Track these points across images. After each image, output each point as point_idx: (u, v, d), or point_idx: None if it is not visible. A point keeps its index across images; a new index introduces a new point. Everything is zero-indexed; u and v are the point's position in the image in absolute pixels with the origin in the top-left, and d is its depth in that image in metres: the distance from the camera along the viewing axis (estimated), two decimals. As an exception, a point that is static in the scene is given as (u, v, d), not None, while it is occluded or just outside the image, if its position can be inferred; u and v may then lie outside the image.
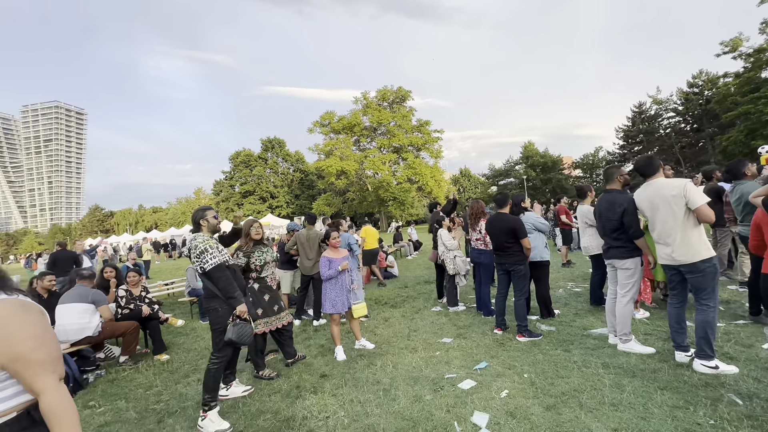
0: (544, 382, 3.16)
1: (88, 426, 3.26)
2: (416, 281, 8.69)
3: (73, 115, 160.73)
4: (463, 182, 66.33)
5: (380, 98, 43.61)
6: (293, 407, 3.18)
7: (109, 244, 31.65)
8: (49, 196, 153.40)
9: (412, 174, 42.06)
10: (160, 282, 9.44)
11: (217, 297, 3.15)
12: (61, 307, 4.44)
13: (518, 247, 4.26)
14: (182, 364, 4.57)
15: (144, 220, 73.90)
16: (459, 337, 4.51)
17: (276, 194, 54.44)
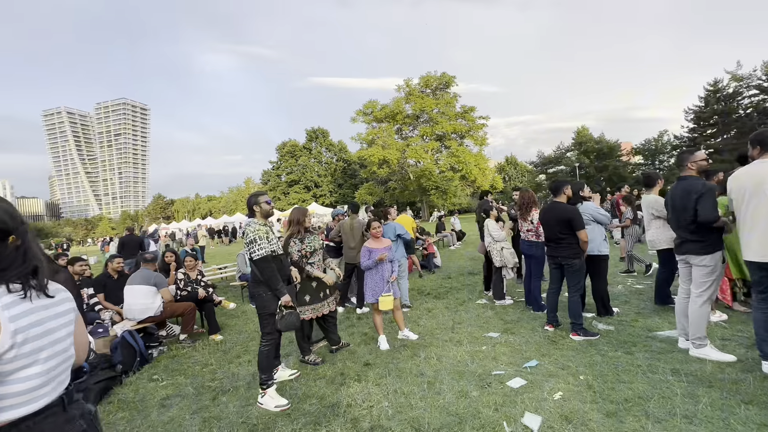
0: (603, 386, 2.92)
1: (153, 397, 3.53)
2: (459, 272, 8.49)
3: (138, 110, 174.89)
4: (509, 170, 63.81)
5: (423, 85, 42.74)
6: (338, 394, 3.22)
7: (167, 230, 34.27)
8: (119, 186, 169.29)
9: (455, 162, 41.07)
10: (214, 266, 10.04)
11: (263, 283, 3.25)
12: (129, 288, 4.83)
13: (573, 240, 3.96)
14: (234, 345, 4.81)
15: (200, 208, 79.15)
16: (506, 332, 4.33)
17: (320, 183, 55.76)
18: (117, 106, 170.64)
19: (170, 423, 3.02)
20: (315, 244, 3.99)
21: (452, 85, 42.87)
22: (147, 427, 3.00)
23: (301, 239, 3.91)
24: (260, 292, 3.28)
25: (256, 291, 3.31)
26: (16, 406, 1.04)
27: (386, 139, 41.78)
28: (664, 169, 45.37)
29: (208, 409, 3.18)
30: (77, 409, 1.20)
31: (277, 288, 3.21)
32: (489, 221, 5.73)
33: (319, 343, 4.37)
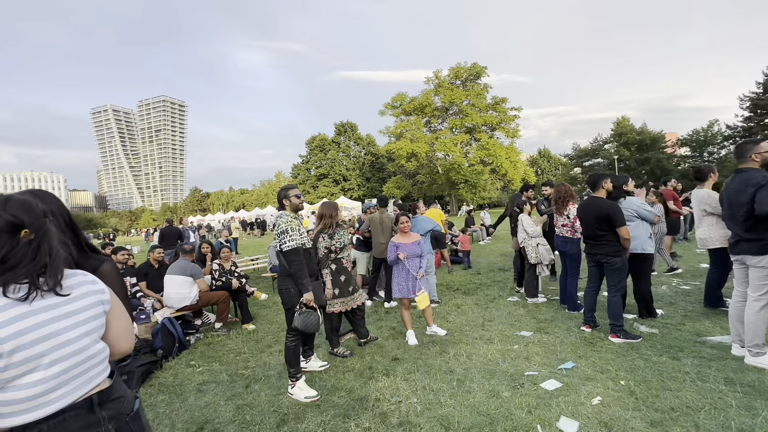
0: (646, 392, 2.75)
1: (190, 382, 3.69)
2: (489, 268, 8.30)
3: (176, 107, 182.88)
4: (542, 164, 61.66)
5: (453, 76, 41.89)
6: (366, 387, 3.23)
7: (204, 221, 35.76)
8: (159, 179, 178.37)
9: (485, 155, 40.11)
10: (246, 257, 10.36)
11: (290, 276, 3.25)
12: (168, 277, 5.06)
13: (613, 237, 3.73)
14: (266, 335, 4.94)
15: (234, 201, 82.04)
16: (540, 332, 4.17)
17: (348, 177, 56.24)
18: (157, 104, 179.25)
19: (206, 408, 3.13)
20: (344, 239, 3.99)
21: (483, 75, 41.76)
22: (185, 410, 3.13)
23: (330, 235, 3.92)
24: (287, 286, 3.27)
25: (283, 285, 3.30)
26: (20, 413, 1.01)
27: (414, 132, 41.39)
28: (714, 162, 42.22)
29: (241, 396, 3.28)
30: (111, 410, 1.15)
31: (303, 282, 3.17)
32: (523, 216, 5.53)
33: (347, 335, 4.40)
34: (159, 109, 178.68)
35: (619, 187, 4.12)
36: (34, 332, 1.03)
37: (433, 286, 5.74)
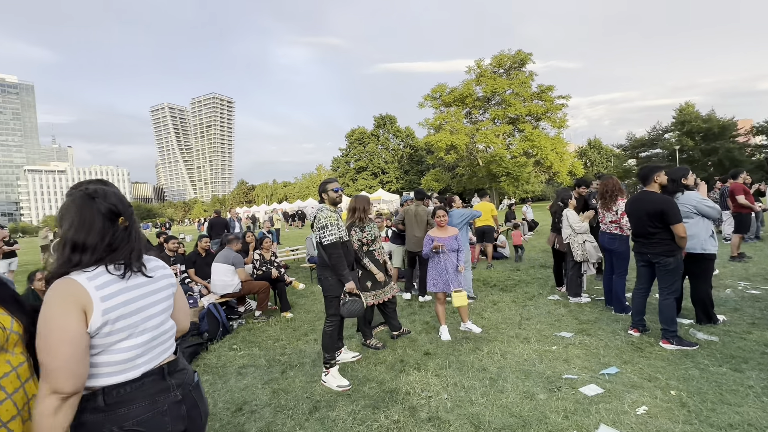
0: (700, 405, 2.52)
1: (232, 365, 3.91)
2: (530, 264, 7.98)
3: (225, 104, 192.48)
4: (592, 155, 58.01)
5: (495, 65, 40.27)
6: (397, 380, 3.24)
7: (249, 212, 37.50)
8: (210, 172, 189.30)
9: (529, 147, 38.37)
10: (287, 248, 10.74)
11: (329, 267, 3.35)
12: (214, 265, 5.37)
13: (666, 235, 3.42)
14: (303, 323, 5.11)
15: (277, 193, 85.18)
16: (581, 333, 3.96)
17: (387, 170, 56.33)
18: (208, 101, 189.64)
19: (245, 390, 3.31)
20: (375, 231, 4.01)
21: (528, 62, 39.78)
22: (226, 391, 3.32)
23: (361, 228, 3.95)
24: (326, 275, 3.39)
25: (323, 274, 3.43)
26: (115, 373, 1.16)
27: (454, 123, 40.45)
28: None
29: (278, 381, 3.42)
30: (177, 379, 1.29)
31: (343, 274, 3.29)
32: (568, 211, 5.24)
33: (379, 327, 4.43)
34: (209, 105, 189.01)
35: (676, 181, 3.76)
36: (131, 305, 1.20)
37: (468, 281, 5.62)
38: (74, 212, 1.17)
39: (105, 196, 1.21)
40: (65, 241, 1.16)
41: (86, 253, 1.15)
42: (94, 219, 1.17)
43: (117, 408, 1.14)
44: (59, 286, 1.11)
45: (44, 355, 1.06)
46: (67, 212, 1.18)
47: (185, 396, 1.29)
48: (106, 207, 1.20)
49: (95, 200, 1.20)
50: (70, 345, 1.06)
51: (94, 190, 1.21)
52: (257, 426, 2.73)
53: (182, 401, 1.27)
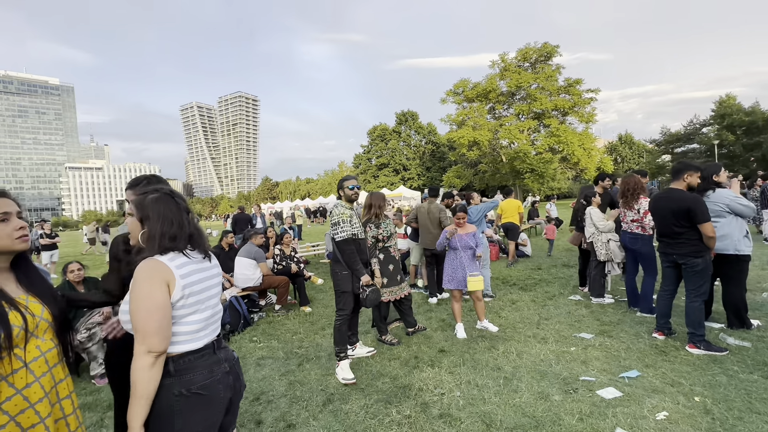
0: (726, 413, 2.41)
1: (251, 356, 4.04)
2: (552, 264, 7.80)
3: (250, 102, 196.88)
4: (623, 151, 55.68)
5: (521, 59, 39.28)
6: (410, 376, 3.26)
7: (272, 209, 38.31)
8: (235, 169, 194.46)
9: (555, 142, 37.27)
10: (308, 244, 10.93)
11: (340, 262, 3.42)
12: (237, 259, 5.55)
13: (694, 234, 3.26)
14: (320, 318, 5.20)
15: (300, 189, 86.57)
16: (602, 335, 3.85)
17: (408, 166, 56.14)
18: (234, 99, 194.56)
19: (263, 380, 3.41)
20: (390, 228, 4.04)
21: (555, 55, 38.58)
22: (245, 380, 3.43)
23: (377, 224, 3.99)
24: (336, 270, 3.47)
25: (334, 269, 3.52)
26: (184, 342, 1.34)
27: (477, 119, 39.79)
28: None
29: (294, 373, 3.51)
30: (223, 354, 1.47)
31: (356, 269, 3.36)
32: (592, 209, 5.09)
33: (395, 323, 4.46)
34: (235, 104, 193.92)
35: (708, 178, 3.57)
36: (200, 284, 1.39)
37: (487, 279, 5.56)
38: (162, 208, 1.39)
39: (180, 195, 1.47)
40: (160, 233, 1.36)
41: (175, 241, 1.37)
42: (179, 214, 1.41)
43: (184, 374, 1.32)
44: (147, 265, 1.31)
45: (139, 321, 1.25)
46: (153, 208, 1.39)
47: (231, 369, 1.47)
48: (184, 205, 1.45)
49: (175, 198, 1.44)
50: (160, 311, 1.27)
51: (171, 191, 1.46)
52: (273, 415, 2.82)
53: (229, 372, 1.45)
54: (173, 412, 1.29)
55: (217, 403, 1.39)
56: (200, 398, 1.33)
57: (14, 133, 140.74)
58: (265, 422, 2.74)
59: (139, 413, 1.22)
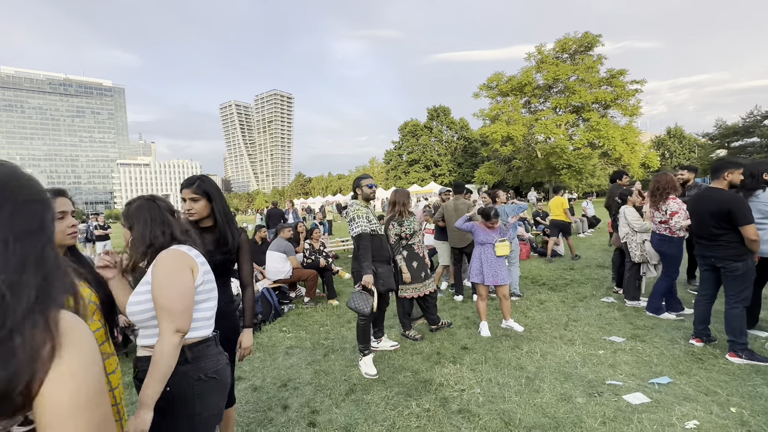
0: (765, 426, 2.28)
1: (281, 345, 4.24)
2: (586, 264, 7.52)
3: (285, 100, 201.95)
4: (671, 145, 52.11)
5: (559, 50, 37.59)
6: (431, 371, 3.31)
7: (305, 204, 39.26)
8: (270, 165, 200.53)
9: (594, 137, 35.46)
10: (337, 239, 11.18)
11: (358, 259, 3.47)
12: (268, 253, 5.80)
13: (734, 237, 3.06)
14: (347, 311, 5.34)
15: (332, 185, 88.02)
16: (634, 339, 3.71)
17: (439, 162, 55.56)
18: (270, 97, 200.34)
19: (291, 368, 3.59)
20: (414, 225, 4.07)
21: (596, 45, 36.63)
22: (274, 368, 3.63)
23: (400, 222, 4.03)
24: (357, 268, 3.51)
25: (354, 266, 3.56)
26: (199, 329, 1.46)
27: (511, 113, 38.62)
28: None
29: (320, 363, 3.66)
30: (220, 347, 1.58)
31: (363, 265, 3.35)
32: (626, 208, 4.88)
33: (419, 320, 4.51)
34: (271, 102, 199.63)
35: (756, 176, 3.33)
36: (209, 274, 1.52)
37: (515, 278, 5.47)
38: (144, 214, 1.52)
39: (162, 199, 1.60)
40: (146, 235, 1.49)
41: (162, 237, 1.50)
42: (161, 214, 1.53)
43: (199, 361, 1.44)
44: (172, 254, 1.43)
45: (169, 303, 1.35)
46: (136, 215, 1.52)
47: (227, 361, 1.59)
48: (165, 206, 1.57)
49: (156, 202, 1.56)
50: (189, 293, 1.40)
51: (152, 196, 1.59)
52: (299, 401, 2.97)
53: (227, 364, 1.57)
54: (194, 396, 1.40)
55: (225, 388, 1.52)
56: (215, 383, 1.46)
57: (73, 132, 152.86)
58: (291, 407, 2.89)
59: (158, 391, 1.28)
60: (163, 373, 1.30)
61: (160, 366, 1.30)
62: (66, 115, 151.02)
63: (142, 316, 1.42)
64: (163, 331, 1.34)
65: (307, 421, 2.69)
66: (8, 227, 0.62)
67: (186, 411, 1.38)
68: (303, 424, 2.67)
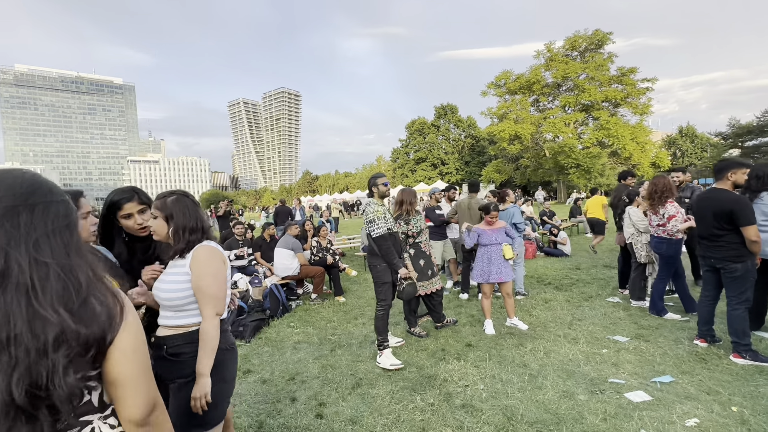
0: (765, 425, 2.31)
1: (288, 340, 4.34)
2: (592, 264, 7.52)
3: (293, 98, 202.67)
4: (683, 144, 51.31)
5: (569, 47, 37.20)
6: (436, 367, 3.38)
7: (312, 201, 39.47)
8: (278, 162, 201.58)
9: (604, 136, 35.09)
10: (344, 236, 11.27)
11: (377, 255, 3.57)
12: (277, 250, 5.91)
13: (735, 238, 3.08)
14: (353, 308, 5.43)
15: (339, 183, 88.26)
16: (638, 338, 3.74)
17: (446, 161, 55.37)
18: (278, 95, 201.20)
19: (298, 363, 3.68)
20: (421, 224, 4.13)
21: (607, 43, 36.19)
22: (282, 362, 3.73)
23: (406, 221, 4.10)
24: (375, 263, 3.61)
25: (372, 262, 3.66)
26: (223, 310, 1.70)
27: (519, 112, 38.36)
28: None
29: (327, 357, 3.75)
30: None
31: (394, 263, 3.50)
32: (631, 209, 4.89)
33: (425, 317, 4.58)
34: (279, 99, 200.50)
35: (762, 177, 3.33)
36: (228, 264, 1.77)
37: (520, 277, 5.51)
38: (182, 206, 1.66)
39: (192, 196, 1.76)
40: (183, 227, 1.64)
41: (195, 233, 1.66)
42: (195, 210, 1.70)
43: (223, 335, 1.65)
44: (210, 249, 1.64)
45: (215, 291, 1.59)
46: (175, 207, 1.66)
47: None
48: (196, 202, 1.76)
49: (189, 197, 1.73)
50: (225, 283, 1.65)
51: (184, 192, 1.75)
52: (306, 394, 3.06)
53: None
54: (224, 362, 1.64)
55: (237, 358, 1.80)
56: (233, 352, 1.74)
57: (85, 129, 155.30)
58: (299, 399, 2.98)
59: (210, 363, 1.55)
60: (213, 348, 1.56)
61: (211, 342, 1.56)
62: (78, 113, 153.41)
63: (179, 302, 1.61)
64: (208, 314, 1.58)
65: (314, 413, 2.77)
66: (44, 223, 0.74)
67: (217, 376, 1.59)
68: (311, 415, 2.75)
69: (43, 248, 0.72)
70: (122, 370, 0.78)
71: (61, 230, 0.76)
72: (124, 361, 0.79)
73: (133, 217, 1.81)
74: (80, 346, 0.71)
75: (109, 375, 0.78)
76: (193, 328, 1.62)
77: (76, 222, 0.80)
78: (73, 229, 0.78)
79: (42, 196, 0.76)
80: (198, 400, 1.51)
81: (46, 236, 0.73)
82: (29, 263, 0.70)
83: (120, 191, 1.86)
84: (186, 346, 1.60)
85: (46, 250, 0.72)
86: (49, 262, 0.71)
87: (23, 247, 0.70)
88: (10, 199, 0.72)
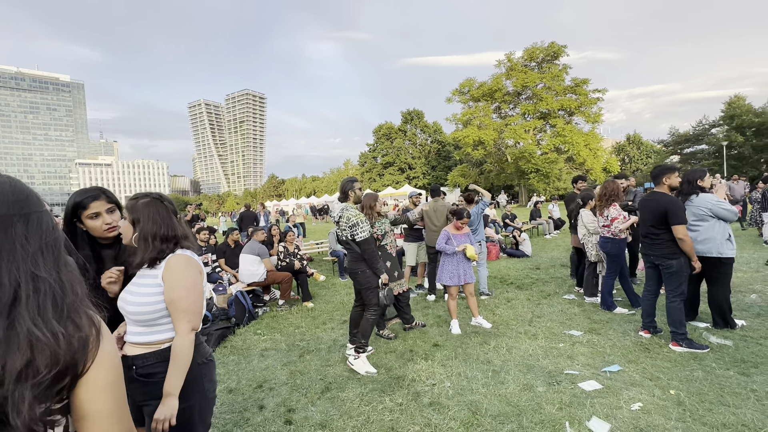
0: (697, 405, 2.57)
1: (255, 347, 4.25)
2: (550, 263, 7.93)
3: (257, 100, 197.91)
4: (630, 151, 55.24)
5: (527, 58, 39.19)
6: (404, 368, 3.45)
7: (278, 206, 38.65)
8: (242, 166, 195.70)
9: (560, 143, 37.22)
10: (312, 241, 11.15)
11: (361, 261, 3.57)
12: (242, 256, 5.77)
13: (669, 236, 3.41)
14: (322, 313, 5.41)
15: (306, 187, 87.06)
16: (591, 332, 4.01)
17: (413, 165, 56.23)
18: (241, 97, 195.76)
19: (266, 370, 3.63)
20: (385, 226, 4.21)
21: (562, 55, 38.45)
22: (249, 370, 3.66)
23: (371, 224, 4.16)
24: (362, 268, 3.58)
25: (357, 268, 3.61)
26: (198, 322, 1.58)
27: (483, 119, 39.82)
28: None
29: (295, 363, 3.72)
30: None
31: (377, 267, 3.53)
32: (584, 212, 5.23)
33: (393, 319, 4.65)
34: (243, 101, 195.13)
35: (692, 182, 3.71)
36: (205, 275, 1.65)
37: (483, 278, 5.72)
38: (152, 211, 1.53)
39: (169, 199, 1.62)
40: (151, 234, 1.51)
41: (165, 241, 1.53)
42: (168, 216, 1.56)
43: (198, 348, 1.53)
44: (186, 259, 1.52)
45: (190, 305, 1.47)
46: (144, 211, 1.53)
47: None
48: (172, 207, 1.61)
49: (164, 202, 1.58)
50: (201, 296, 1.53)
51: (160, 195, 1.60)
52: (275, 401, 3.02)
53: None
54: (201, 376, 1.54)
55: (215, 368, 1.69)
56: (212, 364, 1.63)
57: (26, 129, 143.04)
58: (267, 407, 2.95)
59: (180, 382, 1.42)
60: (185, 366, 1.43)
61: (183, 360, 1.43)
62: (18, 111, 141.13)
63: (149, 316, 1.46)
64: (182, 329, 1.46)
65: (283, 420, 2.75)
66: (39, 236, 0.68)
67: (197, 388, 1.51)
68: (279, 422, 2.73)
69: (39, 263, 0.66)
70: (93, 405, 0.68)
71: (54, 243, 0.70)
72: (98, 396, 0.68)
73: (101, 217, 1.67)
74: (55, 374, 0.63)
75: (79, 410, 0.67)
76: (166, 344, 1.48)
77: (62, 234, 0.74)
78: (60, 243, 0.72)
79: (35, 205, 0.69)
80: (161, 423, 1.35)
81: (40, 250, 0.67)
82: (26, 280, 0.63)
83: (84, 191, 1.71)
84: (159, 365, 1.46)
85: (41, 264, 0.66)
86: (46, 278, 0.65)
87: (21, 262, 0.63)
88: (4, 208, 0.64)
